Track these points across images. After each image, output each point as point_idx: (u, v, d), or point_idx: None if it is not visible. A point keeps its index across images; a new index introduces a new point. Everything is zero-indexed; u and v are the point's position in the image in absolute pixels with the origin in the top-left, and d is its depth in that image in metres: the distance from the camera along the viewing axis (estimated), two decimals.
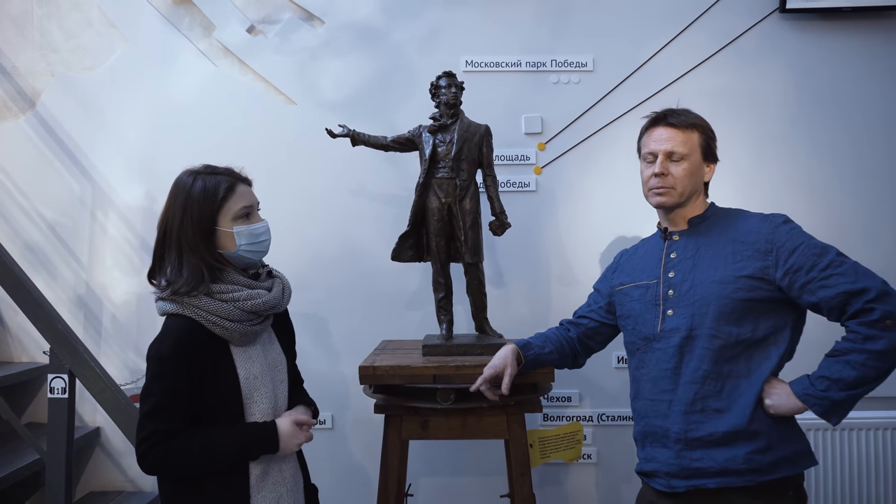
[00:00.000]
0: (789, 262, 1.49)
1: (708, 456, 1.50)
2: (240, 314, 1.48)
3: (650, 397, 1.61)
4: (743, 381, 1.51)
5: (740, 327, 1.51)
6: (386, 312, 2.68)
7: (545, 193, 2.69)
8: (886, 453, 2.53)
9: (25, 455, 2.30)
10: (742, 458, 1.47)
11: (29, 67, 2.70)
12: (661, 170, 1.61)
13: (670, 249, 1.66)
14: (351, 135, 2.18)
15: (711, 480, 1.49)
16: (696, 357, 1.53)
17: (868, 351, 1.41)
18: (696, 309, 1.55)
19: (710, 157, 1.68)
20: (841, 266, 1.47)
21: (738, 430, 1.48)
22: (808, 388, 1.46)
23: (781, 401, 1.48)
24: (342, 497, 2.62)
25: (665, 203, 1.64)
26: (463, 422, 1.95)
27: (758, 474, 1.47)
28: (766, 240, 1.53)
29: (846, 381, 1.42)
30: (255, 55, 2.70)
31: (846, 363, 1.43)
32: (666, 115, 1.66)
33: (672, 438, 1.55)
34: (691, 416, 1.52)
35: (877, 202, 2.68)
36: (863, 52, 2.68)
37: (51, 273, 2.70)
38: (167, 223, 1.51)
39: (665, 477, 1.56)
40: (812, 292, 1.47)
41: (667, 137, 1.63)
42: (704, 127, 1.67)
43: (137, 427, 1.43)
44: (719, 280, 1.54)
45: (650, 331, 1.62)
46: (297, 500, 1.59)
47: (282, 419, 1.54)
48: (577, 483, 2.68)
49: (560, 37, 2.70)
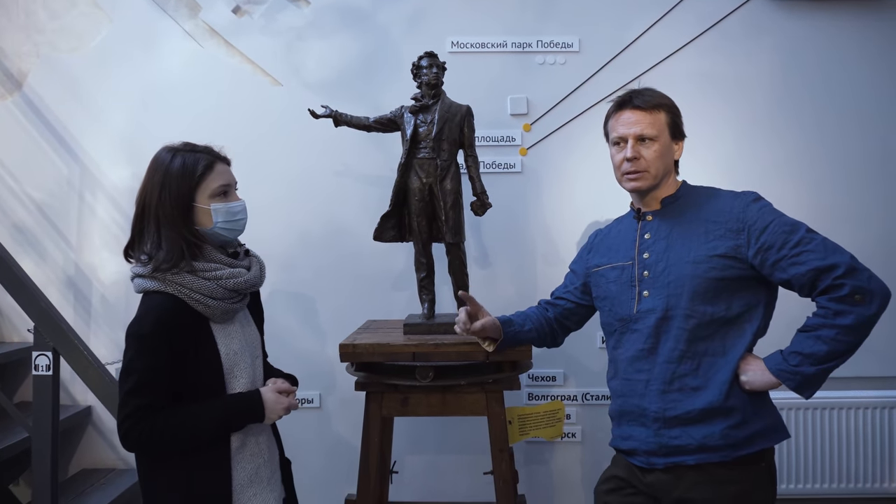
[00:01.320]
0: (761, 241, 1.51)
1: (686, 433, 1.52)
2: (222, 292, 1.50)
3: (627, 377, 1.63)
4: (719, 358, 1.54)
5: (714, 306, 1.53)
6: (372, 292, 2.70)
7: (530, 174, 2.70)
8: (859, 432, 2.60)
9: (16, 432, 2.34)
10: (719, 433, 1.50)
11: (15, 48, 2.70)
12: (632, 154, 1.61)
13: (644, 230, 1.66)
14: (333, 115, 2.19)
15: (690, 457, 1.52)
16: (673, 337, 1.55)
17: (838, 326, 1.44)
18: (671, 289, 1.56)
19: (678, 135, 1.67)
20: (811, 243, 1.48)
21: (714, 407, 1.51)
22: (781, 364, 1.49)
23: (756, 377, 1.51)
24: (330, 474, 2.66)
25: (640, 188, 1.64)
26: (442, 399, 1.98)
27: (734, 449, 1.50)
28: (738, 218, 1.55)
29: (817, 355, 1.45)
30: (241, 36, 2.70)
31: (817, 338, 1.46)
32: (632, 98, 1.65)
33: (650, 417, 1.57)
34: (669, 396, 1.55)
35: (865, 185, 2.68)
36: (851, 32, 2.67)
37: (40, 254, 2.72)
38: (145, 197, 1.52)
39: (644, 455, 1.59)
40: (783, 269, 1.49)
41: (635, 120, 1.62)
42: (670, 105, 1.66)
43: (119, 404, 1.43)
44: (693, 260, 1.55)
45: (627, 312, 1.63)
46: (273, 471, 1.63)
47: (264, 388, 1.57)
48: (561, 461, 2.71)
49: (546, 17, 2.69)
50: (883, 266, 2.59)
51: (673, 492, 1.55)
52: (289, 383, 1.66)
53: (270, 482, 1.59)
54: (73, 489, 2.51)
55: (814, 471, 2.59)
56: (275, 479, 1.62)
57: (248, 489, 1.53)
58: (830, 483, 2.59)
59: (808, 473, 2.59)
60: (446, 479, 2.71)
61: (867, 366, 2.60)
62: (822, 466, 2.59)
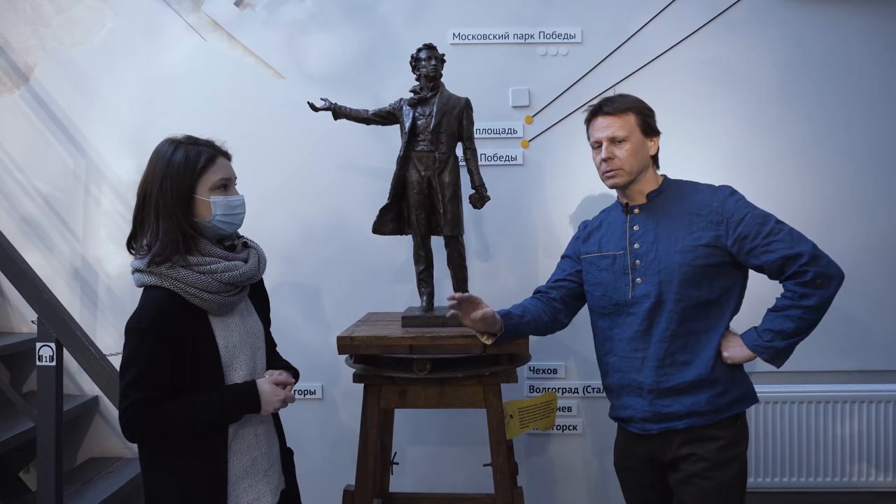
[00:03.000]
0: (738, 231, 1.72)
1: (677, 402, 1.75)
2: (217, 286, 1.51)
3: (624, 354, 1.82)
4: (703, 336, 1.76)
5: (700, 290, 1.74)
6: (375, 284, 2.71)
7: (532, 167, 2.69)
8: (826, 425, 2.61)
9: (25, 421, 2.38)
10: (705, 401, 1.74)
11: (21, 42, 2.73)
12: (606, 154, 1.80)
13: (632, 223, 1.84)
14: (333, 108, 2.19)
15: (680, 422, 1.75)
16: (665, 319, 1.76)
17: (803, 306, 1.69)
18: (662, 277, 1.76)
19: (650, 133, 1.83)
20: (780, 233, 1.70)
21: (701, 379, 1.74)
22: (756, 340, 1.74)
23: (736, 352, 1.75)
24: (332, 465, 2.69)
25: (618, 184, 1.82)
26: (440, 391, 1.99)
27: (716, 413, 1.74)
28: (717, 211, 1.75)
29: (786, 331, 1.70)
30: (244, 29, 2.71)
31: (786, 317, 1.71)
32: (602, 106, 1.83)
33: (646, 389, 1.78)
34: (662, 370, 1.76)
35: (870, 176, 2.65)
36: (855, 22, 2.63)
37: (48, 246, 2.76)
38: (146, 187, 1.53)
39: (640, 422, 1.81)
40: (757, 256, 1.71)
41: (606, 125, 1.81)
42: (638, 107, 1.82)
43: (120, 397, 1.46)
44: (680, 249, 1.75)
45: (622, 297, 1.82)
46: (272, 463, 1.64)
47: (261, 379, 1.58)
48: (561, 453, 2.72)
49: (548, 8, 2.68)
50: (888, 256, 2.62)
51: (668, 452, 1.78)
52: (287, 375, 1.67)
53: (268, 473, 1.61)
54: (81, 477, 2.56)
55: (785, 464, 2.62)
56: (273, 470, 1.64)
57: (244, 480, 1.56)
58: (807, 477, 2.61)
59: (784, 467, 2.62)
60: (447, 471, 2.73)
61: (845, 360, 2.63)
62: (798, 460, 2.61)
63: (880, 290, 2.64)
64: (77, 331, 2.03)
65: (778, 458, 2.61)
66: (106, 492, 2.42)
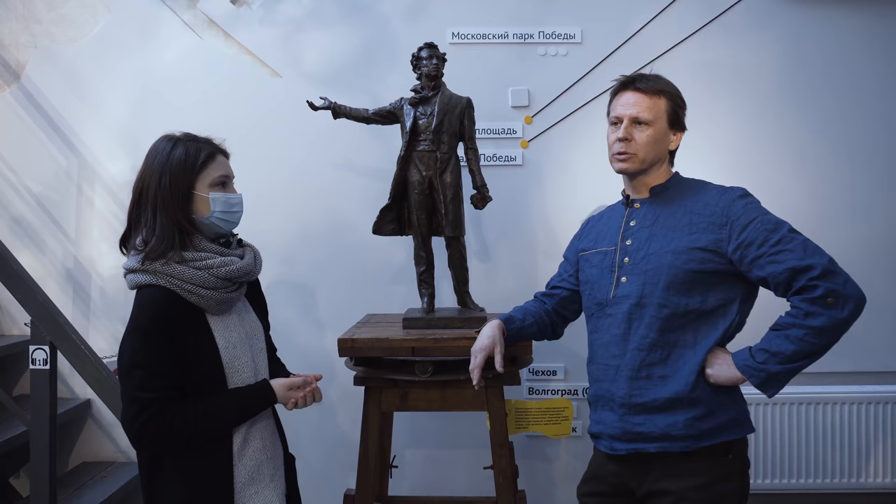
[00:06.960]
0: (742, 237, 1.50)
1: (650, 421, 1.54)
2: (214, 281, 1.48)
3: (602, 362, 1.65)
4: (688, 350, 1.54)
5: (689, 298, 1.53)
6: (372, 286, 2.69)
7: (531, 167, 2.68)
8: (826, 427, 2.59)
9: (15, 426, 2.33)
10: (682, 423, 1.51)
11: (12, 39, 2.68)
12: (624, 134, 1.60)
13: (630, 217, 1.67)
14: (332, 107, 2.17)
15: (652, 445, 1.53)
16: (645, 325, 1.56)
17: (808, 326, 1.43)
18: (647, 277, 1.57)
19: (676, 125, 1.65)
20: (791, 242, 1.47)
21: (679, 397, 1.52)
22: (747, 360, 1.49)
23: (722, 371, 1.51)
24: (330, 468, 2.66)
25: (627, 169, 1.64)
26: (442, 394, 1.97)
27: (695, 440, 1.51)
28: (723, 213, 1.54)
29: (784, 354, 1.45)
30: (240, 27, 2.68)
31: (786, 337, 1.46)
32: (634, 80, 1.64)
33: (617, 402, 1.58)
34: (636, 382, 1.56)
35: (869, 177, 2.65)
36: (854, 23, 2.64)
37: (39, 247, 2.71)
38: (143, 183, 1.50)
39: (608, 439, 1.61)
40: (761, 267, 1.48)
41: (633, 102, 1.61)
42: (673, 94, 1.64)
43: (128, 403, 1.39)
44: (673, 250, 1.55)
45: (604, 296, 1.65)
46: (276, 468, 1.61)
47: (273, 380, 1.58)
48: (562, 456, 2.71)
49: (547, 8, 2.66)
50: (888, 256, 2.62)
51: (642, 484, 1.57)
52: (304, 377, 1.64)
53: (273, 479, 1.58)
54: (73, 482, 2.51)
55: (785, 465, 2.60)
56: (278, 475, 1.61)
57: (250, 486, 1.52)
58: (807, 478, 2.59)
59: (783, 468, 2.60)
60: (446, 474, 2.70)
61: (845, 362, 2.59)
62: (798, 461, 2.60)
63: (880, 290, 2.63)
64: (72, 333, 1.99)
65: (778, 459, 2.60)
66: (100, 497, 2.38)
